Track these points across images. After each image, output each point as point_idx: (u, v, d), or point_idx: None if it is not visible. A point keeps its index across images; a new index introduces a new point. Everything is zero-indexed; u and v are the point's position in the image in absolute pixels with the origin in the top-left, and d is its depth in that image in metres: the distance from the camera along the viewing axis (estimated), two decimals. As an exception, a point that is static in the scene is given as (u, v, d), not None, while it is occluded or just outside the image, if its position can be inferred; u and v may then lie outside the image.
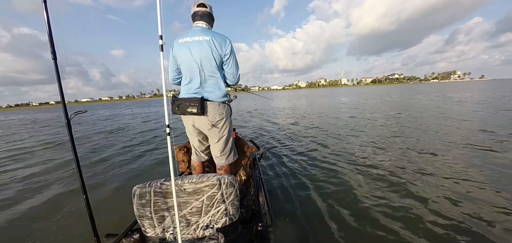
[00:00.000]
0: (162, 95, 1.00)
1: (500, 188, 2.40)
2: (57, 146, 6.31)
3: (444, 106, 10.19)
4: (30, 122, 17.10)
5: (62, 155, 5.05)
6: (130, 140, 6.50)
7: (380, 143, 4.48)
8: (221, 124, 1.61)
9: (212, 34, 1.52)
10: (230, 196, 1.19)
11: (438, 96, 17.48)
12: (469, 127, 5.37)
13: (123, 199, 2.64)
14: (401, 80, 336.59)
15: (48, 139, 7.68)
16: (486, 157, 3.30)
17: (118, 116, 17.05)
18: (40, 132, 9.92)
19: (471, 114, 7.45)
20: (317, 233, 1.91)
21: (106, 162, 4.31)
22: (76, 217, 2.33)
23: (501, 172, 2.77)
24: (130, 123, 11.35)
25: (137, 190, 1.18)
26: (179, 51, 1.54)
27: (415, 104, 11.63)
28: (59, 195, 2.88)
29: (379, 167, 3.20)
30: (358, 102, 15.36)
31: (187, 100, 1.51)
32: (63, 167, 4.07)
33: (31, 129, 11.56)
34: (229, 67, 1.62)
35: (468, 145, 3.92)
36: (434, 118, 7.02)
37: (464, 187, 2.48)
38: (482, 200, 2.20)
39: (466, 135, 4.63)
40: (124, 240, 1.23)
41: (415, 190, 2.49)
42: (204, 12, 1.59)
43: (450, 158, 3.37)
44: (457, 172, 2.87)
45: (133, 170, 3.78)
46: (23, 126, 13.99)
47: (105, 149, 5.42)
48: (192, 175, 1.25)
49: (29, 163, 4.55)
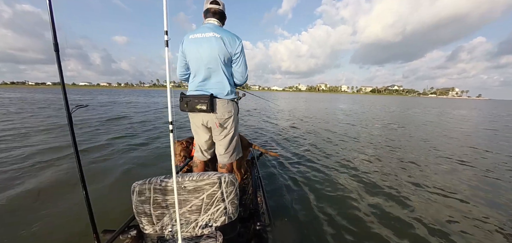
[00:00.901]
0: (161, 85, 0.95)
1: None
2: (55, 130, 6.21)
3: (440, 121, 10.35)
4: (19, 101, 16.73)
5: (60, 141, 4.93)
6: (128, 130, 6.44)
7: (376, 151, 4.55)
8: (229, 122, 1.61)
9: (223, 32, 1.51)
10: (230, 195, 1.19)
11: (436, 109, 17.73)
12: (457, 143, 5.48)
13: (121, 194, 2.56)
14: (400, 92, 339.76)
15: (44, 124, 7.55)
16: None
17: (118, 103, 16.86)
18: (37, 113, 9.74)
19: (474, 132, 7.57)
20: (315, 233, 1.94)
21: (106, 149, 4.24)
22: (74, 211, 2.24)
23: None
24: (128, 113, 11.25)
25: (137, 187, 1.17)
26: (189, 47, 1.52)
27: (412, 116, 11.78)
28: (57, 187, 2.75)
29: (375, 174, 3.28)
30: (356, 111, 15.47)
31: (196, 97, 1.50)
32: (61, 159, 3.91)
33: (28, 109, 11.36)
34: (238, 65, 1.61)
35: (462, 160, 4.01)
36: (431, 133, 7.12)
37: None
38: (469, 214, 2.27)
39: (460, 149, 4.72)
40: (121, 236, 1.22)
41: (407, 197, 2.60)
42: (216, 9, 1.58)
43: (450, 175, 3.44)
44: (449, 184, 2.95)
45: (133, 163, 3.70)
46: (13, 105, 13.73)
47: (103, 139, 5.35)
48: (193, 172, 1.25)
49: (26, 149, 4.44)
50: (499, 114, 16.20)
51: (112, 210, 2.22)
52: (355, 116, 11.60)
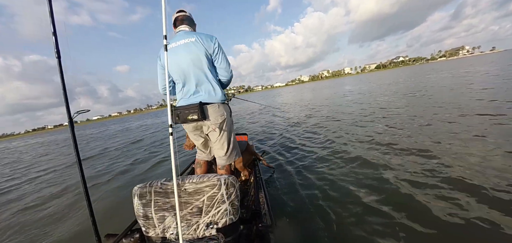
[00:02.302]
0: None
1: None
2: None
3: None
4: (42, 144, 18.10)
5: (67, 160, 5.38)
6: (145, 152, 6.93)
7: (382, 143, 3.74)
8: (223, 125, 1.59)
9: (196, 35, 1.51)
10: (230, 196, 1.18)
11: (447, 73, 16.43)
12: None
13: (123, 199, 2.76)
14: (407, 62, 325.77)
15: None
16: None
17: (124, 130, 17.68)
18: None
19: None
20: (317, 233, 1.89)
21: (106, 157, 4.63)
22: (77, 215, 2.43)
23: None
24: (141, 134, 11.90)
25: (138, 190, 1.18)
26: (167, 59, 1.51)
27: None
28: (61, 195, 3.07)
29: (382, 171, 2.78)
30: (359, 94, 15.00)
31: (186, 108, 1.48)
32: (66, 169, 4.28)
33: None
34: (219, 62, 1.58)
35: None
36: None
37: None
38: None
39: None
40: (124, 240, 1.23)
41: (408, 200, 2.14)
42: (183, 16, 1.61)
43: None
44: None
45: (133, 169, 4.01)
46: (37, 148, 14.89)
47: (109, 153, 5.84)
48: (193, 175, 1.27)
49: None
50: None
51: (115, 215, 2.35)
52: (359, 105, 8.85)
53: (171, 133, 1.00)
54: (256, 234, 1.31)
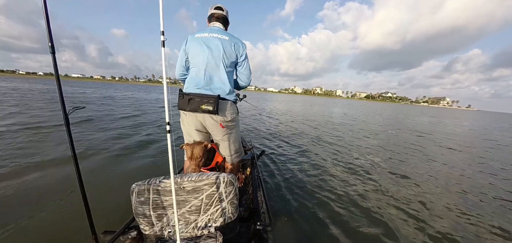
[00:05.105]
0: (157, 81, 0.92)
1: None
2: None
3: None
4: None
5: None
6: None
7: (373, 153, 4.72)
8: (234, 123, 1.61)
9: (230, 36, 1.57)
10: (229, 195, 1.18)
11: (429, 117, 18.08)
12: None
13: (120, 196, 2.47)
14: (394, 99, 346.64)
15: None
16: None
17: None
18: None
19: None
20: (315, 232, 1.94)
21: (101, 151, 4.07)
22: (72, 213, 2.14)
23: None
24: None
25: (136, 188, 1.17)
26: (194, 46, 1.50)
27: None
28: (54, 188, 2.59)
29: (374, 174, 3.44)
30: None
31: (200, 96, 1.41)
32: (59, 158, 3.72)
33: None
34: (243, 68, 1.67)
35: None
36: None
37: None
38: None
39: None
40: (121, 237, 1.22)
41: (405, 194, 2.80)
42: (220, 15, 1.64)
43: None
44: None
45: (131, 165, 3.54)
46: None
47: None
48: (192, 173, 1.25)
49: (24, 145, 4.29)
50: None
51: (113, 212, 2.11)
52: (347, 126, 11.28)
53: (168, 131, 0.97)
54: (254, 233, 1.32)
